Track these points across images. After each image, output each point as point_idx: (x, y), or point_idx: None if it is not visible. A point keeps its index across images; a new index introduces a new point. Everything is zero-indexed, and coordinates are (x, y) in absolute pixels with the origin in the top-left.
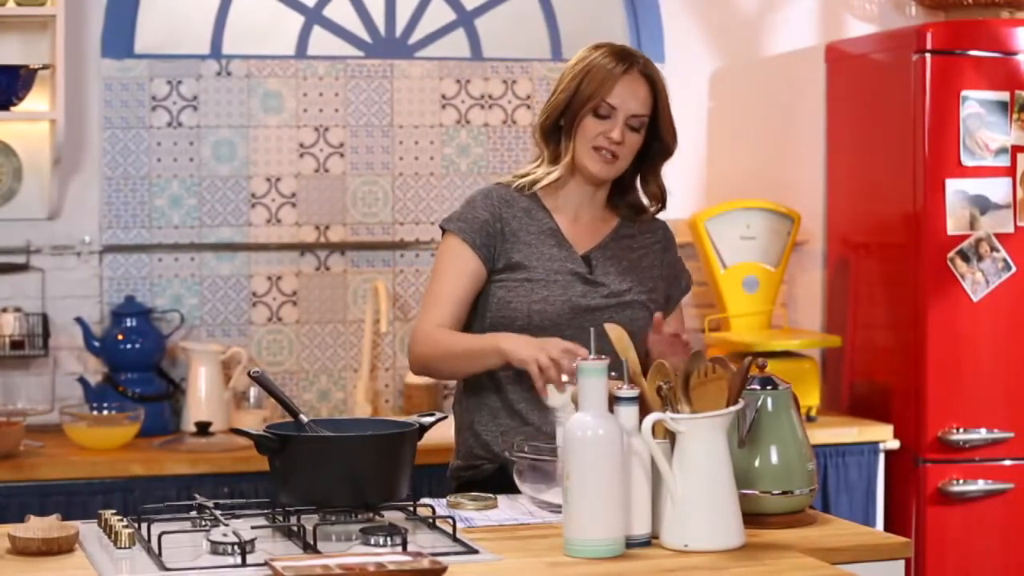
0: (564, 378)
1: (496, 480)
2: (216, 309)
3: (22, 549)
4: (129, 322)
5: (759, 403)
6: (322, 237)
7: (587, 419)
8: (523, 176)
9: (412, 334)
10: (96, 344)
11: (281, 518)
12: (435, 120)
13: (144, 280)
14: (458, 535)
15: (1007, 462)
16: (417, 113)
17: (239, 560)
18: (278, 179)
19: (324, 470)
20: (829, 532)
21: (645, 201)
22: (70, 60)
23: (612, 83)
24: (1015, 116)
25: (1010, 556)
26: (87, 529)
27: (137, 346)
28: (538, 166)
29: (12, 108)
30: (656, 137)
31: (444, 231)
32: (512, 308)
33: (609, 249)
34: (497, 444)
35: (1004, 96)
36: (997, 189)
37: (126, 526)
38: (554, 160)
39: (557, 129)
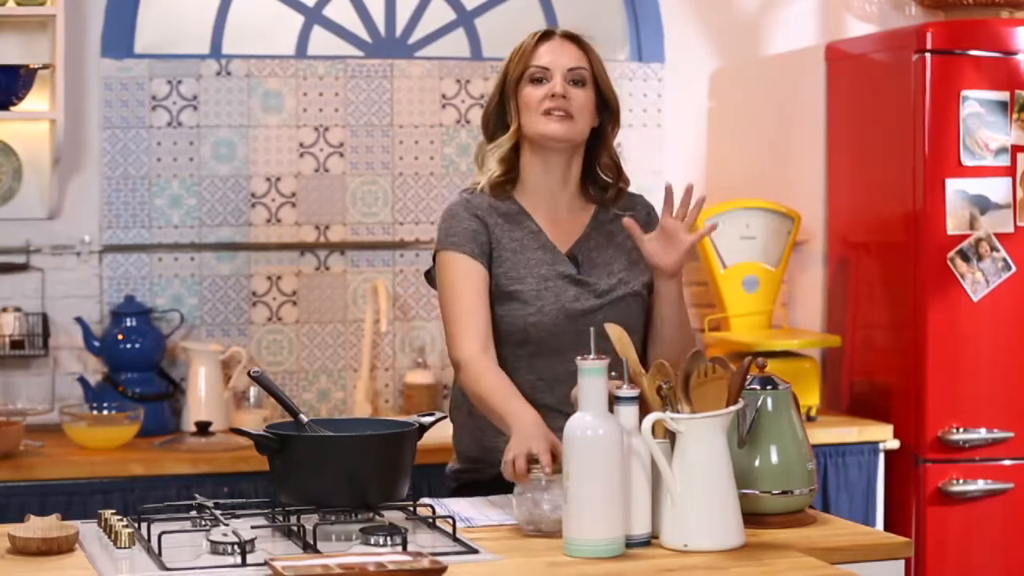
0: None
1: (497, 482)
2: (216, 309)
3: (22, 549)
4: (129, 322)
5: (759, 403)
6: (322, 237)
7: (587, 419)
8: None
9: (455, 360)
10: (96, 344)
11: (281, 518)
12: (435, 120)
13: (144, 280)
14: (458, 535)
15: (1007, 462)
16: (417, 113)
17: (239, 560)
18: (278, 179)
19: (324, 470)
20: (829, 532)
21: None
22: (70, 60)
23: (534, 48)
24: (1015, 116)
25: (1010, 556)
26: (87, 529)
27: (137, 346)
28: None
29: (12, 108)
30: (603, 103)
31: (438, 252)
32: (507, 322)
33: (592, 239)
34: (498, 449)
35: (1004, 96)
36: (997, 189)
37: (126, 526)
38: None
39: (503, 128)
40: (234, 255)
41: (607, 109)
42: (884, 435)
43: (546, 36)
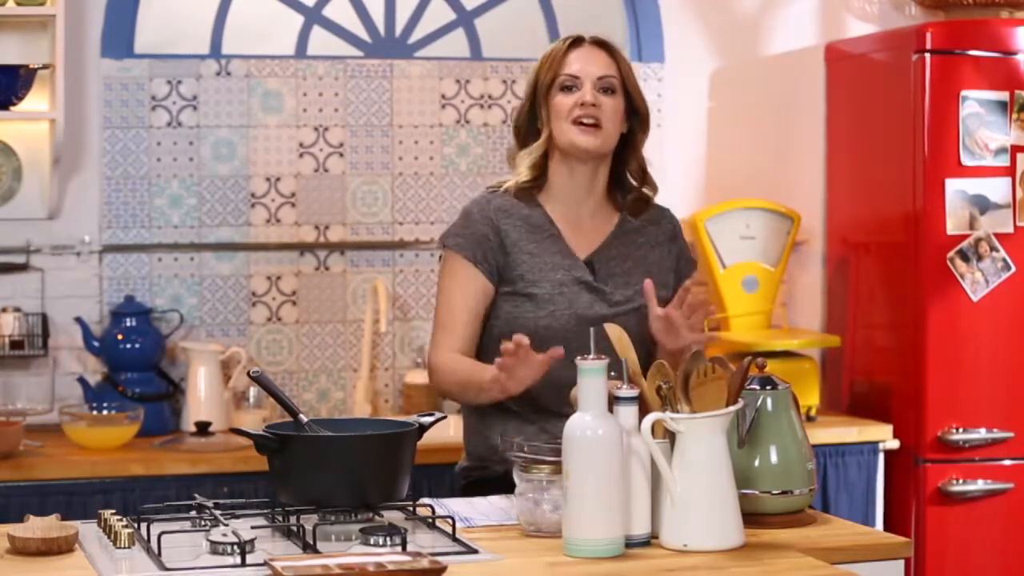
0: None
1: (505, 480)
2: (216, 309)
3: (22, 549)
4: (129, 322)
5: (759, 403)
6: (322, 237)
7: (587, 419)
8: (510, 179)
9: (428, 364)
10: (96, 344)
11: (281, 518)
12: (435, 120)
13: (144, 280)
14: (458, 535)
15: (1007, 462)
16: (417, 113)
17: (239, 560)
18: (278, 179)
19: (324, 470)
20: (829, 532)
21: (639, 187)
22: (70, 60)
23: (564, 55)
24: (1015, 116)
25: (1010, 556)
26: (87, 529)
27: (137, 346)
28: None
29: (12, 108)
30: (632, 109)
31: (444, 247)
32: (519, 324)
33: (613, 248)
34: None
35: (1004, 96)
36: (997, 189)
37: (126, 526)
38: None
39: (534, 133)
40: (234, 255)
41: (636, 115)
42: (884, 435)
43: (576, 43)
